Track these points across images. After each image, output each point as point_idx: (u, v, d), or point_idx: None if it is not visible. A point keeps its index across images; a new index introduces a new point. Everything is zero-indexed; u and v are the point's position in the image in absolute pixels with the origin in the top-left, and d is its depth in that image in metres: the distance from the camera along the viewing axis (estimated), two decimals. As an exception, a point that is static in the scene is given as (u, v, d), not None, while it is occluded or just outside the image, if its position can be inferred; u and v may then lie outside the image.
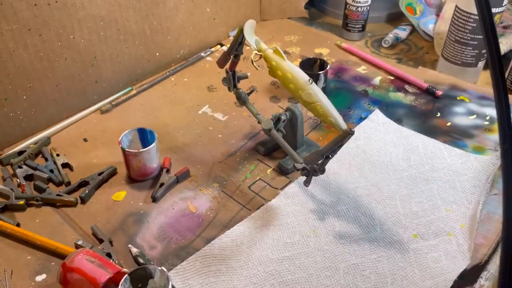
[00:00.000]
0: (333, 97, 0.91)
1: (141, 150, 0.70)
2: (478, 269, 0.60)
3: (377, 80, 0.97)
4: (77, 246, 0.63)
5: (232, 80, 0.75)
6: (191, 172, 0.75)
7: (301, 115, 0.74)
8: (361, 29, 1.11)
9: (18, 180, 0.72)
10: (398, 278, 0.59)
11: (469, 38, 0.90)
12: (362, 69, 1.01)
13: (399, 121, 0.86)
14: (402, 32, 1.12)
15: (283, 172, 0.76)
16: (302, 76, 0.60)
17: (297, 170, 0.64)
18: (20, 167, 0.74)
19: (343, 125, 0.58)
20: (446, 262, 0.61)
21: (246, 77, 0.77)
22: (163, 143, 0.81)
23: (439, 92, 0.91)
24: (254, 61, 1.04)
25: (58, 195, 0.70)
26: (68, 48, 0.80)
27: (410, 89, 0.94)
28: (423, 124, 0.85)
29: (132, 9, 0.87)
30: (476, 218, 0.66)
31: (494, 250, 0.63)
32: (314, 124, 0.85)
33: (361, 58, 1.04)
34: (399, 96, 0.93)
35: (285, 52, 1.07)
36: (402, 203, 0.70)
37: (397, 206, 0.69)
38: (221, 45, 1.08)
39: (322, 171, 0.62)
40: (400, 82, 0.96)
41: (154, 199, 0.70)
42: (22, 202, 0.68)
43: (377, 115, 0.86)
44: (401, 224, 0.66)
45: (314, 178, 0.66)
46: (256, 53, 1.05)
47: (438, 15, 1.11)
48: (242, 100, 0.76)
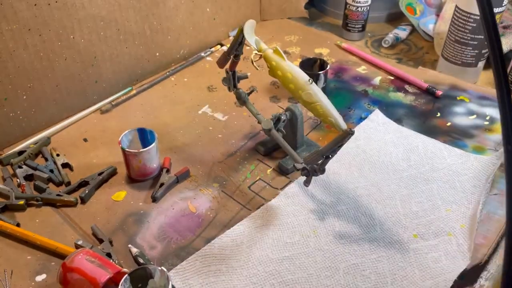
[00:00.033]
0: (333, 97, 0.91)
1: (141, 150, 0.70)
2: (478, 269, 0.60)
3: (377, 80, 0.97)
4: (77, 246, 0.63)
5: (232, 80, 0.75)
6: (191, 172, 0.75)
7: (301, 115, 0.74)
8: (361, 29, 1.11)
9: (18, 180, 0.72)
10: (398, 278, 0.59)
11: (469, 38, 0.90)
12: (362, 69, 1.01)
13: (399, 121, 0.86)
14: (402, 32, 1.12)
15: (283, 172, 0.76)
16: (302, 76, 0.60)
17: (297, 170, 0.64)
18: (20, 167, 0.74)
19: (343, 125, 0.58)
20: (446, 262, 0.61)
21: (246, 77, 0.77)
22: (163, 143, 0.81)
23: (439, 92, 0.91)
24: (254, 61, 1.04)
25: (58, 195, 0.70)
26: (68, 48, 0.80)
27: (410, 89, 0.94)
28: (423, 124, 0.85)
29: (132, 9, 0.87)
30: (476, 218, 0.66)
31: (494, 250, 0.63)
32: (314, 124, 0.85)
33: (361, 58, 1.04)
34: (399, 96, 0.93)
35: (285, 52, 1.06)
36: (402, 203, 0.70)
37: (397, 206, 0.69)
38: (221, 45, 1.08)
39: (322, 171, 0.62)
40: (400, 82, 0.96)
41: (154, 199, 0.70)
42: (22, 202, 0.68)
43: (377, 115, 0.86)
44: (401, 224, 0.66)
45: (314, 178, 0.66)
46: (256, 53, 1.05)
47: (438, 15, 1.11)
48: (242, 100, 0.76)
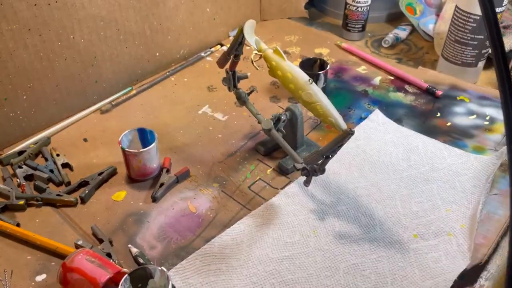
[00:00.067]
0: (333, 97, 0.91)
1: (141, 150, 0.70)
2: (478, 269, 0.60)
3: (377, 80, 0.97)
4: (77, 246, 0.63)
5: (232, 80, 0.75)
6: (191, 172, 0.75)
7: (301, 115, 0.74)
8: (361, 29, 1.11)
9: (18, 180, 0.72)
10: (398, 278, 0.59)
11: (469, 38, 0.90)
12: (362, 69, 1.01)
13: (399, 121, 0.86)
14: (402, 32, 1.12)
15: (283, 172, 0.76)
16: (302, 76, 0.60)
17: (297, 170, 0.64)
18: (20, 167, 0.74)
19: (343, 125, 0.58)
20: (446, 262, 0.61)
21: (246, 77, 0.77)
22: (163, 143, 0.80)
23: (439, 92, 0.91)
24: (254, 61, 1.04)
25: (58, 195, 0.70)
26: (68, 48, 0.80)
27: (410, 89, 0.94)
28: (423, 124, 0.85)
29: (132, 9, 0.87)
30: (476, 218, 0.66)
31: (494, 250, 0.63)
32: (314, 124, 0.85)
33: (361, 58, 1.04)
34: (399, 96, 0.93)
35: (285, 52, 1.06)
36: (402, 203, 0.70)
37: (397, 206, 0.69)
38: (221, 45, 1.08)
39: (322, 171, 0.62)
40: (400, 82, 0.96)
41: (154, 199, 0.70)
42: (22, 202, 0.68)
43: (377, 115, 0.86)
44: (401, 224, 0.66)
45: (314, 178, 0.66)
46: (256, 53, 1.05)
47: (438, 15, 1.11)
48: (242, 100, 0.76)
